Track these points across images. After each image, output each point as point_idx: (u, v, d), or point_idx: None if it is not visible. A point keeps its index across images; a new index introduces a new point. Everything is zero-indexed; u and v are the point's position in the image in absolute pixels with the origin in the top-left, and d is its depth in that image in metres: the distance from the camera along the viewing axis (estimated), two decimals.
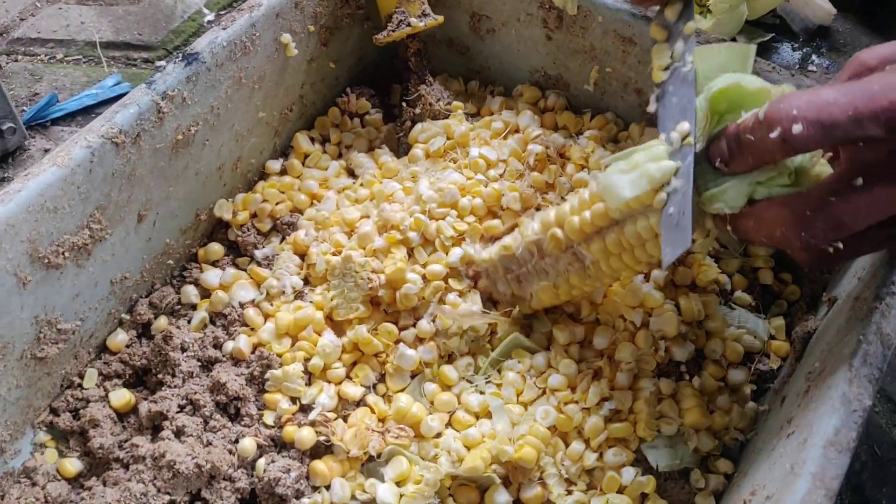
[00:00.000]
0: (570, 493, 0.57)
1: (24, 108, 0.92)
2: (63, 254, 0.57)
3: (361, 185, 0.72)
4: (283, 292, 0.67)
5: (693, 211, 0.48)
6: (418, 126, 0.74)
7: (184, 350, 0.64)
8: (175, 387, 0.63)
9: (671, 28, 0.57)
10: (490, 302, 0.65)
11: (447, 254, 0.64)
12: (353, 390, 0.61)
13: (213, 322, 0.67)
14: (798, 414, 0.49)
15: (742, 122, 0.43)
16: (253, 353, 0.64)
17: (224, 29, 0.64)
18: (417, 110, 0.75)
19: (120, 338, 0.65)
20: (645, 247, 0.53)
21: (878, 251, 0.56)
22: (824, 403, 0.45)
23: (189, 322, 0.67)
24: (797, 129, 0.38)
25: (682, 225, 0.47)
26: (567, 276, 0.59)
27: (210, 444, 0.60)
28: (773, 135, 0.39)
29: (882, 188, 0.40)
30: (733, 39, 0.97)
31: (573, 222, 0.56)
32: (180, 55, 0.62)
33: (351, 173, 0.75)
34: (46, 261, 0.56)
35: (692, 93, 0.51)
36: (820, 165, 0.46)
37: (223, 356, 0.64)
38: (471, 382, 0.62)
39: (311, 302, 0.65)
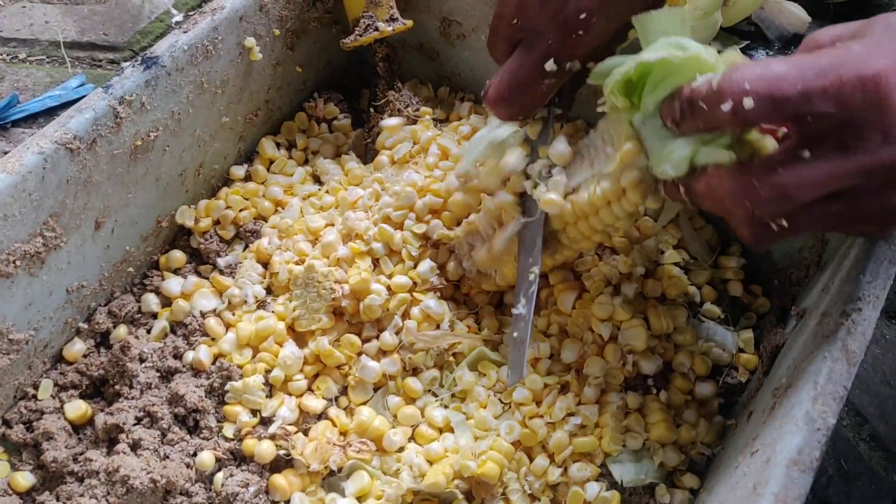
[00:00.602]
0: None
1: None
2: (14, 262, 0.55)
3: (327, 192, 0.70)
4: (246, 302, 0.65)
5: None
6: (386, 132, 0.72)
7: (142, 360, 0.63)
8: (132, 398, 0.61)
9: (532, 145, 0.57)
10: (454, 301, 0.65)
11: (415, 265, 0.63)
12: (314, 403, 0.60)
13: (173, 331, 0.65)
14: (763, 431, 0.48)
15: (696, 88, 0.43)
16: (213, 363, 0.63)
17: (185, 32, 0.63)
18: (386, 116, 0.74)
19: (77, 347, 0.63)
20: (599, 214, 0.52)
21: (821, 230, 0.57)
22: (788, 422, 0.44)
23: (149, 331, 0.65)
24: (748, 103, 0.39)
25: (520, 353, 0.54)
26: None
27: (167, 457, 0.58)
28: (725, 107, 0.40)
29: (827, 161, 0.40)
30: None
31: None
32: (139, 59, 0.61)
33: (317, 180, 0.74)
34: None
35: (539, 232, 0.55)
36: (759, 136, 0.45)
37: (183, 367, 0.63)
38: (436, 396, 0.61)
39: (273, 312, 0.64)
